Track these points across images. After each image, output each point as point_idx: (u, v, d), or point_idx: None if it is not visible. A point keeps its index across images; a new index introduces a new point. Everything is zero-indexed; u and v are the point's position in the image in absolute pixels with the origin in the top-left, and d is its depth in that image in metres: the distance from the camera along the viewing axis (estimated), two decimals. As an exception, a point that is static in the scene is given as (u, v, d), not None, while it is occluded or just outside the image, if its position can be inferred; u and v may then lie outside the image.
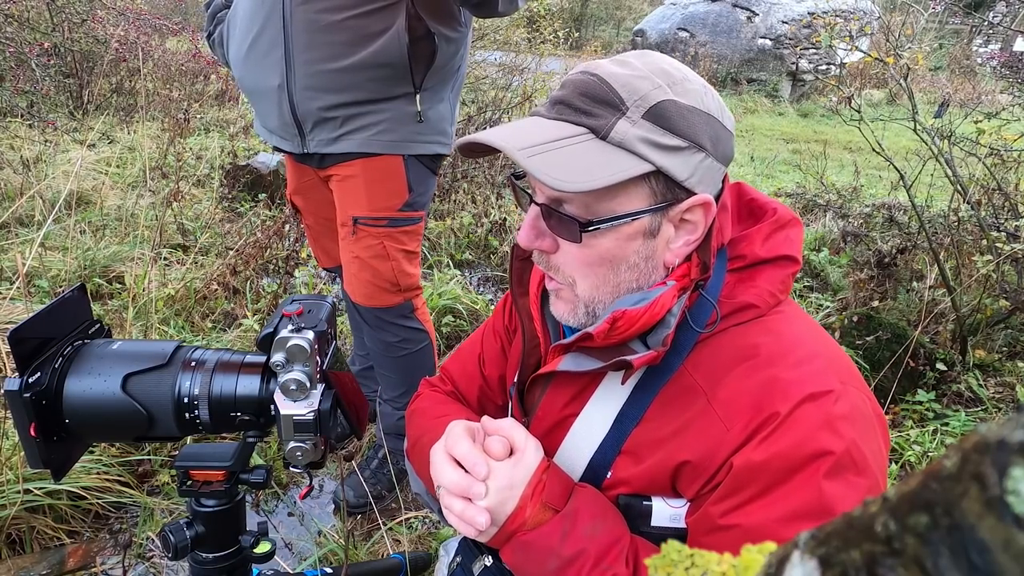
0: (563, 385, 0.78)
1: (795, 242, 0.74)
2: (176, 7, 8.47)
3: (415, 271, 1.57)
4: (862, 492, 0.60)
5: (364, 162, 1.43)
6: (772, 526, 0.60)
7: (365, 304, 1.56)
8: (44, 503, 1.47)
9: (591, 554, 0.66)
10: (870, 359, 2.21)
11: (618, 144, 0.64)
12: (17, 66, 4.28)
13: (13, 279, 2.36)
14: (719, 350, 0.69)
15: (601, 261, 0.69)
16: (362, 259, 1.50)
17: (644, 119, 0.64)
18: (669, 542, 0.28)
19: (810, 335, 0.70)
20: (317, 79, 1.34)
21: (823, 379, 0.64)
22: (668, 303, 0.68)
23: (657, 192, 0.67)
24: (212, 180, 3.77)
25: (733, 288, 0.71)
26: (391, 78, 1.36)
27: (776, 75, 10.19)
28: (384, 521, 1.62)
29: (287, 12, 1.31)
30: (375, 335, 1.62)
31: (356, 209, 1.46)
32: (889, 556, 0.17)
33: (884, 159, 2.68)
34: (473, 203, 3.75)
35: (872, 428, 0.65)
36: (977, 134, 2.61)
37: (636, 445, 0.71)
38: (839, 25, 3.47)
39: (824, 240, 3.51)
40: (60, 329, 0.73)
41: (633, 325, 0.68)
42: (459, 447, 0.70)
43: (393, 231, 1.48)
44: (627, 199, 0.66)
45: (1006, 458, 0.15)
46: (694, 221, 0.69)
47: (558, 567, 0.66)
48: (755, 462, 0.62)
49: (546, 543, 0.67)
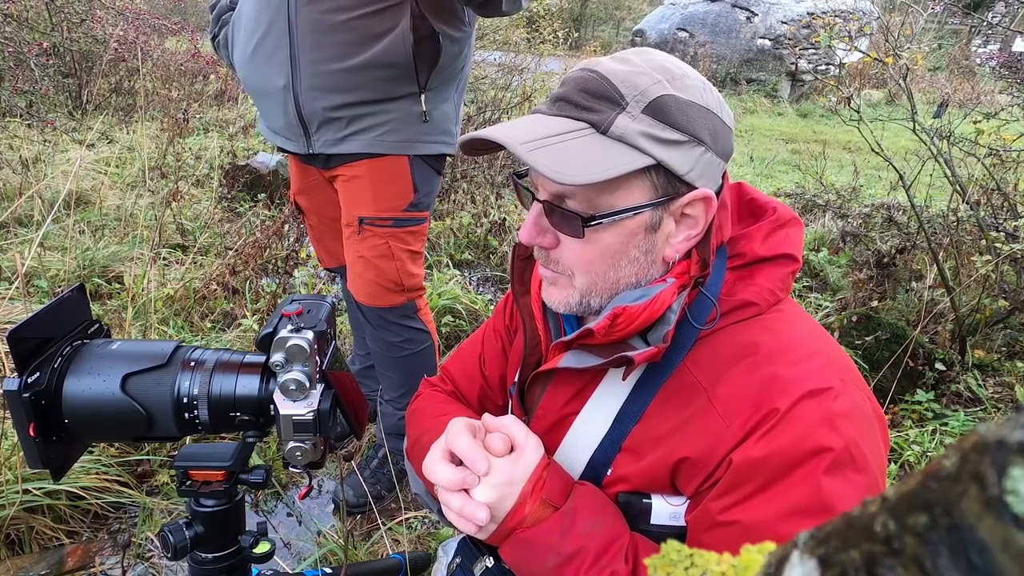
0: (564, 383, 0.78)
1: (795, 241, 0.74)
2: (175, 7, 8.47)
3: (419, 271, 1.58)
4: (861, 489, 0.60)
5: (370, 162, 1.43)
6: (771, 522, 0.60)
7: (368, 304, 1.56)
8: (43, 503, 1.47)
9: (590, 551, 0.66)
10: (869, 359, 2.21)
11: (618, 138, 0.65)
12: (16, 66, 4.27)
13: (12, 279, 2.36)
14: (719, 347, 0.69)
15: (602, 256, 0.70)
16: (367, 259, 1.50)
17: (644, 114, 0.65)
18: (669, 542, 0.28)
19: (810, 334, 0.70)
20: (322, 79, 1.34)
21: (823, 376, 0.64)
22: (668, 300, 0.68)
23: (658, 186, 0.67)
24: (211, 180, 3.77)
25: (733, 286, 0.72)
26: (396, 78, 1.36)
27: (775, 75, 10.20)
28: (383, 521, 1.62)
29: (292, 13, 1.31)
30: (377, 335, 1.63)
31: (362, 209, 1.47)
32: (888, 556, 0.17)
33: (883, 159, 2.68)
34: (473, 203, 3.75)
35: (871, 427, 0.65)
36: (976, 134, 2.62)
37: (636, 442, 0.71)
38: (838, 25, 3.47)
39: (823, 240, 3.51)
40: (59, 329, 0.73)
41: (633, 322, 0.68)
42: (459, 443, 0.70)
43: (398, 231, 1.49)
44: (628, 193, 0.67)
45: (1005, 458, 0.15)
46: (695, 216, 0.70)
47: (557, 564, 0.66)
48: (754, 458, 0.62)
49: (545, 540, 0.67)
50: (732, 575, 0.25)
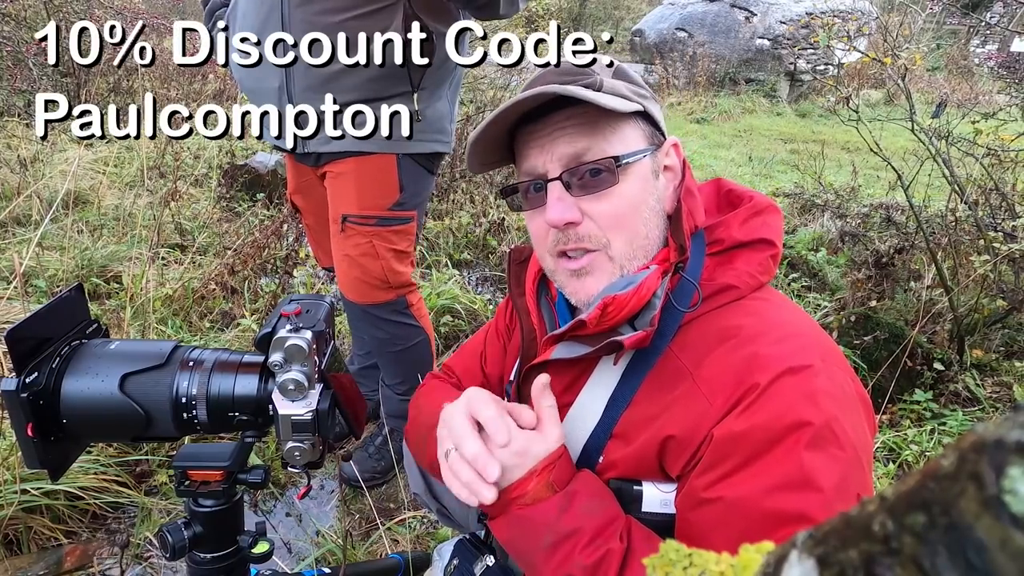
0: (557, 375, 0.79)
1: (773, 226, 0.77)
2: (174, 7, 8.45)
3: (406, 269, 1.58)
4: (843, 465, 0.60)
5: (357, 160, 1.44)
6: (756, 497, 0.60)
7: (356, 300, 1.57)
8: (41, 503, 1.47)
9: (586, 531, 0.66)
10: (868, 359, 2.21)
11: (611, 92, 0.74)
12: (14, 65, 4.27)
13: (10, 279, 2.35)
14: (703, 332, 0.72)
15: (630, 208, 0.74)
16: (351, 257, 1.51)
17: (614, 78, 0.76)
18: (667, 541, 0.28)
19: (794, 318, 0.72)
20: (316, 80, 1.35)
21: (804, 355, 0.66)
22: (653, 286, 0.72)
23: (647, 134, 0.76)
24: (210, 180, 3.76)
25: (713, 271, 0.75)
26: (388, 78, 1.37)
27: (774, 75, 10.19)
28: (382, 521, 1.62)
29: (286, 14, 1.32)
30: (367, 331, 1.64)
31: (345, 207, 1.47)
32: (887, 555, 0.17)
33: (882, 159, 2.68)
34: (471, 203, 3.75)
35: (855, 408, 0.66)
36: (974, 134, 2.62)
37: (626, 428, 0.73)
38: (837, 25, 3.47)
39: (822, 240, 3.51)
40: (57, 329, 0.73)
41: (623, 309, 0.71)
42: (485, 411, 0.69)
43: (382, 230, 1.49)
44: (632, 140, 0.75)
45: (1003, 457, 0.15)
46: (673, 167, 0.79)
47: (553, 543, 0.66)
48: (735, 432, 0.63)
49: (543, 519, 0.67)
50: (731, 575, 0.25)
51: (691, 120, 8.47)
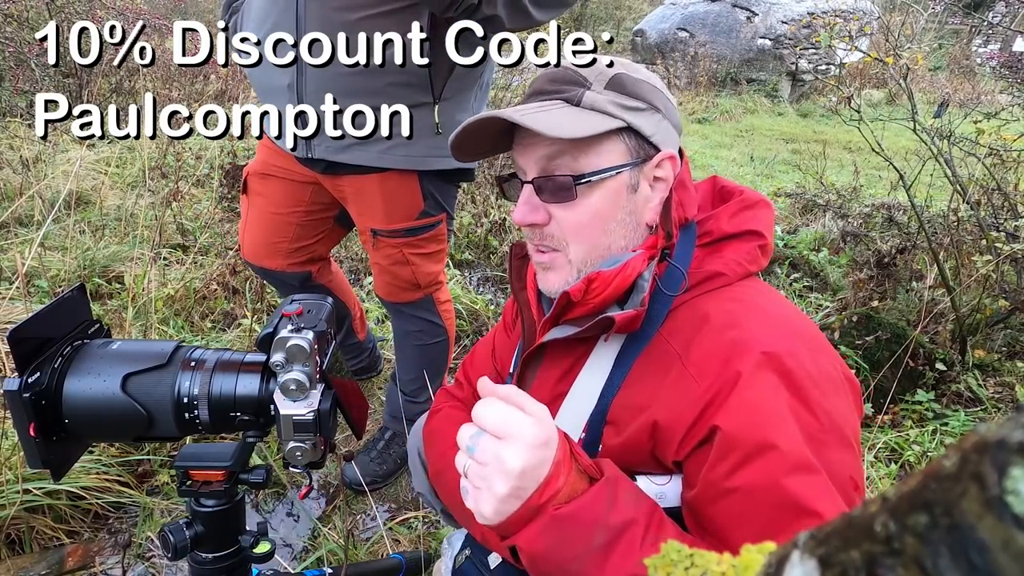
0: (553, 362, 0.81)
1: (762, 220, 0.78)
2: (176, 7, 8.46)
3: (437, 268, 1.60)
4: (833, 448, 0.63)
5: (380, 176, 1.38)
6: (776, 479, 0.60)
7: (386, 299, 1.64)
8: (43, 503, 1.47)
9: (640, 521, 0.59)
10: (870, 359, 2.21)
11: (590, 107, 0.74)
12: (16, 66, 4.28)
13: (12, 279, 2.36)
14: (692, 317, 0.73)
15: (592, 220, 0.75)
16: (381, 265, 1.54)
17: (607, 89, 0.75)
18: (669, 542, 0.28)
19: (780, 306, 0.74)
20: (328, 81, 1.27)
21: (789, 340, 0.67)
22: (639, 267, 0.74)
23: (631, 148, 0.76)
24: (212, 180, 3.76)
25: (702, 261, 0.77)
26: (408, 85, 1.28)
27: (776, 75, 10.18)
28: (383, 521, 1.62)
29: (300, 8, 1.24)
30: (396, 321, 1.71)
31: (373, 221, 1.46)
32: (888, 556, 0.17)
33: (884, 159, 2.68)
34: (473, 203, 3.74)
35: (841, 389, 0.68)
36: (976, 134, 2.61)
37: (618, 413, 0.74)
38: (839, 25, 3.47)
39: (824, 240, 3.50)
40: (59, 329, 0.73)
41: (607, 286, 0.73)
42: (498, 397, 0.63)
43: (412, 239, 1.49)
44: (608, 155, 0.75)
45: (1005, 458, 0.15)
46: (665, 178, 0.78)
47: (607, 541, 0.58)
48: (733, 423, 0.63)
49: (591, 515, 0.58)
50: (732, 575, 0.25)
51: (693, 120, 8.47)
